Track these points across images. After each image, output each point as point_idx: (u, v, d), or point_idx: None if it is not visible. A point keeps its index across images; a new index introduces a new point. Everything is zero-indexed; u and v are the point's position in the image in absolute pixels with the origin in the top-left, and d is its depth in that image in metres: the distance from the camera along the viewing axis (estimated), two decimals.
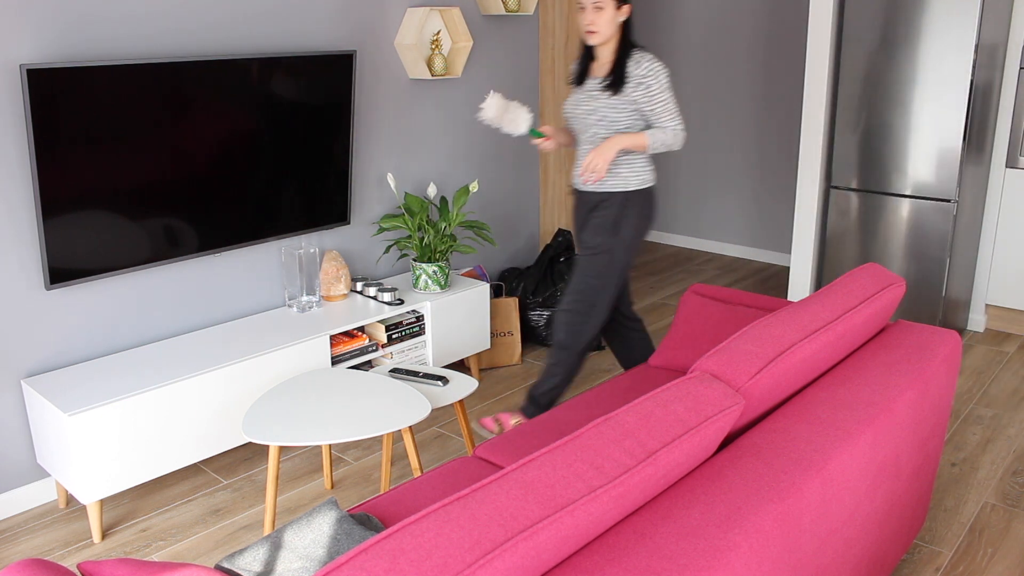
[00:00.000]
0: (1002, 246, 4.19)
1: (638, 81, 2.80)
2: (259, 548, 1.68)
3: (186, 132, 2.95)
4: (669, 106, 2.83)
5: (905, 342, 2.20)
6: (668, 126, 2.84)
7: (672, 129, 2.85)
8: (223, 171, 3.09)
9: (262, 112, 3.14)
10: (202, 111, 2.97)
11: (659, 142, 2.84)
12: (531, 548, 1.20)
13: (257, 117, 3.13)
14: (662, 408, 1.54)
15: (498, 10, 3.95)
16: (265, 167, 3.21)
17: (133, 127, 2.81)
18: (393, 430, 2.39)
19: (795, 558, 1.52)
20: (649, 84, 2.80)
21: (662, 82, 2.81)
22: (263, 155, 3.19)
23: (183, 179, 2.99)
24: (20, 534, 2.74)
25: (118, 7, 2.82)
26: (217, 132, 3.03)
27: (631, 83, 2.81)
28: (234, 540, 2.70)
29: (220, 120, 3.03)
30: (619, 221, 2.92)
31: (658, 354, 2.79)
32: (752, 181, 5.67)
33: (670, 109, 2.83)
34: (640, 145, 2.83)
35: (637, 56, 2.82)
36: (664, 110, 2.83)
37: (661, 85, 2.81)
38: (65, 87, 2.61)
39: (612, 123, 2.87)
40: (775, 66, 5.38)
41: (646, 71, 2.80)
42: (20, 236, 2.73)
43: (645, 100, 2.82)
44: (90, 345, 2.95)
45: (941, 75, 3.76)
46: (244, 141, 3.12)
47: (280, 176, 3.27)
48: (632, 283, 3.22)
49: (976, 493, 2.87)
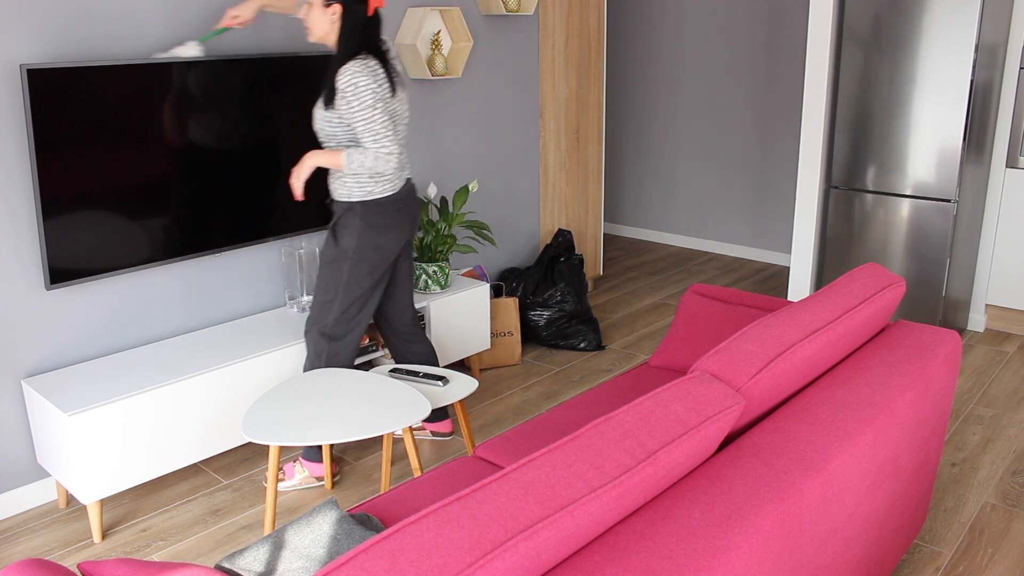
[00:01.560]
0: (1002, 246, 4.19)
1: (340, 94, 2.58)
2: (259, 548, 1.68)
3: (186, 132, 2.95)
4: (372, 125, 2.58)
5: (905, 342, 2.20)
6: (371, 148, 2.60)
7: (374, 152, 2.60)
8: (223, 171, 3.09)
9: (262, 112, 3.14)
10: (202, 111, 2.97)
11: (357, 163, 2.61)
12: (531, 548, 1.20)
13: (257, 117, 3.13)
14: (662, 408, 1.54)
15: (498, 10, 3.95)
16: (265, 167, 3.21)
17: (133, 127, 2.81)
18: (393, 430, 2.39)
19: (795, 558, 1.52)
20: (349, 99, 2.57)
21: (363, 99, 2.56)
22: (263, 155, 3.19)
23: (183, 179, 2.99)
24: (20, 534, 2.74)
25: (118, 7, 2.82)
26: (217, 132, 3.03)
27: (338, 95, 2.59)
28: (234, 540, 2.70)
29: (220, 120, 3.03)
30: (340, 232, 2.78)
31: (658, 354, 2.79)
32: (752, 181, 5.67)
33: (373, 129, 2.58)
34: (336, 164, 2.64)
35: (346, 66, 2.57)
36: (365, 129, 2.59)
37: (362, 102, 2.56)
38: (65, 87, 2.61)
39: (329, 136, 2.70)
40: (775, 67, 5.38)
41: (345, 84, 2.56)
42: (20, 236, 2.73)
43: (348, 116, 2.60)
44: (90, 345, 2.95)
45: (941, 75, 3.76)
46: (244, 141, 3.12)
47: (280, 176, 3.27)
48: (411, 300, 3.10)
49: (976, 493, 2.87)
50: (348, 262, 2.79)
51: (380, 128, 2.60)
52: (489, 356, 3.96)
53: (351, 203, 2.76)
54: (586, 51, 4.58)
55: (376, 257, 2.81)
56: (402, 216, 2.83)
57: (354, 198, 2.75)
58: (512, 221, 4.44)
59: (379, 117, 2.59)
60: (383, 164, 2.63)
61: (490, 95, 4.16)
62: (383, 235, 2.80)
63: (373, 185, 2.74)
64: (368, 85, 2.57)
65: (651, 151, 6.10)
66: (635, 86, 6.05)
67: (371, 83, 2.57)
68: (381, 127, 2.60)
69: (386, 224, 2.79)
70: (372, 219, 2.77)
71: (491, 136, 4.22)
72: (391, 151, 2.62)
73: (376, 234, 2.78)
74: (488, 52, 4.10)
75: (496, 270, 4.42)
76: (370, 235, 2.77)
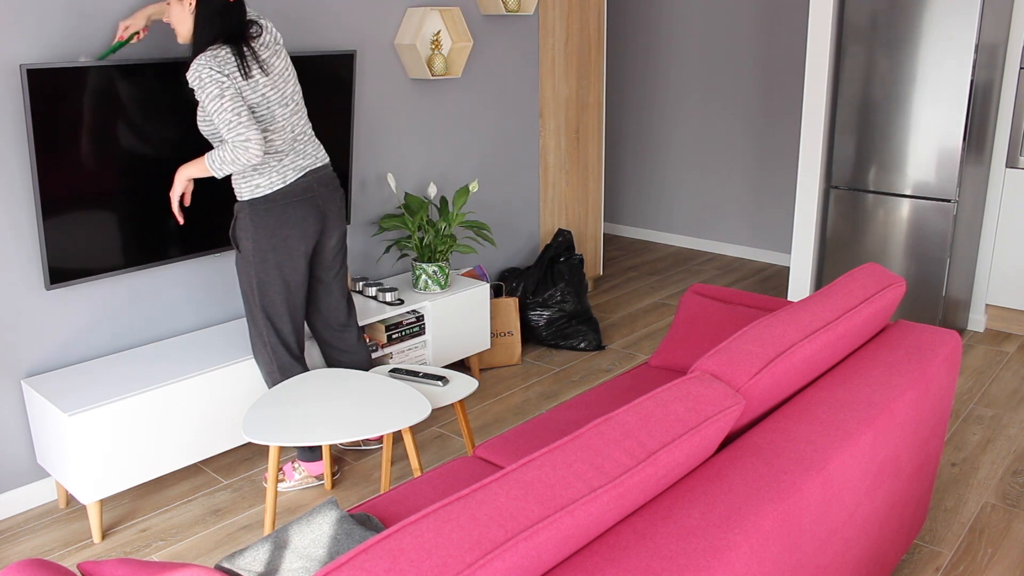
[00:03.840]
0: (1002, 246, 4.19)
1: (194, 90, 2.48)
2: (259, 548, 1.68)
3: (186, 132, 2.95)
4: (224, 115, 2.43)
5: (905, 342, 2.20)
6: (227, 139, 2.46)
7: (231, 142, 2.45)
8: None
9: None
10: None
11: (219, 161, 2.48)
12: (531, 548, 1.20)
13: None
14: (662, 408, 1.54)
15: (498, 10, 3.95)
16: None
17: (133, 127, 2.81)
18: (393, 430, 2.39)
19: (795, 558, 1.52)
20: (198, 94, 2.46)
21: (209, 90, 2.42)
22: None
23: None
24: (20, 534, 2.74)
25: (119, 7, 2.82)
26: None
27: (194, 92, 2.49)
28: (234, 540, 2.70)
29: None
30: (238, 236, 2.67)
31: (658, 354, 2.79)
32: (752, 181, 5.67)
33: (225, 119, 2.44)
34: (202, 170, 2.54)
35: (194, 61, 2.46)
36: (219, 121, 2.44)
37: (209, 93, 2.43)
38: (65, 87, 2.61)
39: (210, 135, 2.60)
40: (775, 66, 5.38)
41: (192, 79, 2.45)
42: (20, 236, 2.73)
43: (204, 112, 2.50)
44: (90, 345, 2.95)
45: (941, 75, 3.76)
46: None
47: None
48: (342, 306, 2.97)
49: (976, 493, 2.87)
50: (252, 266, 2.68)
51: (232, 116, 2.44)
52: (489, 356, 3.96)
53: (242, 203, 2.64)
54: (586, 51, 4.58)
55: (278, 257, 2.66)
56: (298, 211, 2.65)
57: (243, 196, 2.63)
58: (512, 221, 4.44)
59: (228, 105, 2.44)
60: (243, 154, 2.46)
61: (490, 95, 4.16)
62: (277, 233, 2.64)
63: (259, 178, 2.60)
64: (211, 76, 2.43)
65: (651, 151, 6.10)
66: (635, 86, 6.05)
67: (214, 73, 2.43)
68: (233, 115, 2.44)
69: (278, 222, 2.63)
70: (260, 218, 2.62)
71: (491, 136, 4.22)
72: (247, 138, 2.44)
73: (269, 233, 2.63)
74: (488, 52, 4.10)
75: (496, 270, 4.42)
76: (263, 235, 2.63)
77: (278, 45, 2.66)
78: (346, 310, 2.98)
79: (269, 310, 2.74)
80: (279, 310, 2.75)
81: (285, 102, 2.63)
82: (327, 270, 2.88)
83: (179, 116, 2.92)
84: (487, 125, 4.18)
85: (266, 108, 2.57)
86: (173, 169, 2.94)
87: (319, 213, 2.72)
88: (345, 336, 3.00)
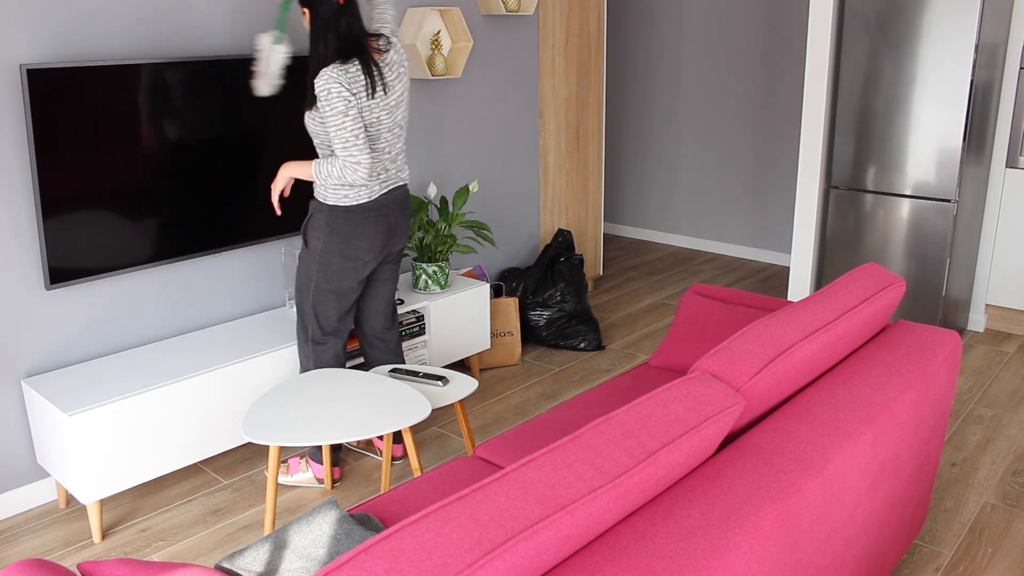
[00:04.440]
0: (1002, 246, 4.19)
1: (317, 98, 2.54)
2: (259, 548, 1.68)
3: (186, 132, 2.95)
4: (342, 133, 2.52)
5: (905, 342, 2.20)
6: (339, 155, 2.55)
7: (342, 160, 2.54)
8: (224, 171, 3.09)
9: (263, 111, 3.14)
10: (203, 111, 2.97)
11: (325, 173, 2.58)
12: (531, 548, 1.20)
13: (258, 116, 3.13)
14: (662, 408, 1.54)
15: (498, 10, 3.95)
16: (265, 167, 3.21)
17: (133, 127, 2.81)
18: (393, 430, 2.39)
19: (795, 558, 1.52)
20: (322, 104, 2.53)
21: (335, 105, 2.50)
22: (263, 155, 3.19)
23: (183, 179, 2.99)
24: (20, 534, 2.74)
25: (118, 7, 2.82)
26: (218, 132, 3.03)
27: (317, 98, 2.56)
28: (234, 540, 2.70)
29: (221, 120, 3.03)
30: (309, 232, 2.75)
31: (658, 354, 2.80)
32: (752, 181, 5.67)
33: (343, 137, 2.52)
34: (307, 174, 2.63)
35: (325, 70, 2.52)
36: (336, 136, 2.53)
37: (334, 108, 2.50)
38: (65, 87, 2.61)
39: (315, 135, 2.67)
40: (775, 66, 5.38)
41: (320, 88, 2.51)
42: (20, 236, 2.73)
43: (321, 120, 2.58)
44: (90, 345, 2.95)
45: (941, 75, 3.76)
46: (244, 141, 3.12)
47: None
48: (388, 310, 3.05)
49: (976, 493, 2.87)
50: (316, 264, 2.75)
51: (350, 136, 2.52)
52: (489, 356, 3.96)
53: (321, 204, 2.71)
54: (586, 51, 4.58)
55: (342, 263, 2.74)
56: (372, 226, 2.73)
57: (327, 200, 2.69)
58: (512, 221, 4.44)
59: (349, 125, 2.52)
60: (350, 174, 2.55)
61: (490, 95, 4.16)
62: (349, 243, 2.71)
63: (347, 190, 2.67)
64: (340, 92, 2.50)
65: (651, 151, 6.10)
66: (635, 86, 6.05)
67: (343, 90, 2.50)
68: (351, 135, 2.52)
69: (352, 233, 2.71)
70: (337, 225, 2.69)
71: (491, 136, 4.22)
72: (358, 161, 2.54)
73: (341, 241, 2.71)
74: (488, 52, 4.10)
75: (496, 270, 4.42)
76: (335, 241, 2.71)
77: (403, 68, 2.72)
78: (390, 315, 3.06)
79: (319, 308, 2.81)
80: (329, 311, 2.82)
81: (392, 127, 2.71)
82: (380, 276, 2.96)
83: (179, 116, 2.92)
84: (487, 125, 4.18)
85: (376, 129, 2.65)
86: (173, 168, 2.94)
87: (389, 229, 2.80)
88: (388, 336, 3.08)
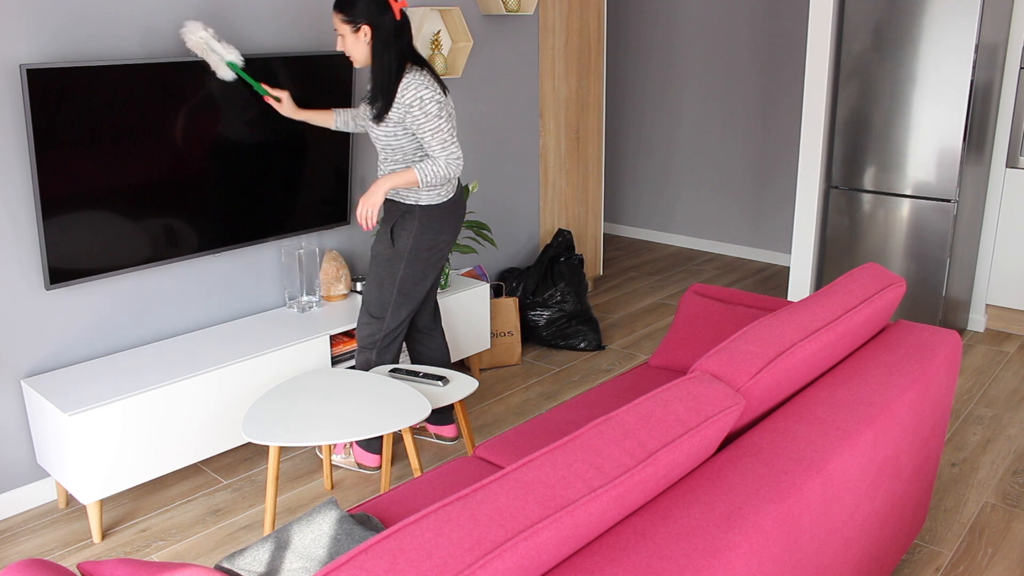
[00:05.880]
0: (1002, 246, 4.19)
1: (405, 109, 2.68)
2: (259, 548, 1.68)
3: (186, 132, 2.95)
4: (440, 135, 2.68)
5: (905, 342, 2.20)
6: (440, 156, 2.70)
7: (444, 159, 2.70)
8: (223, 171, 3.09)
9: (262, 112, 3.14)
10: (202, 111, 2.97)
11: (431, 175, 2.70)
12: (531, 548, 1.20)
13: (257, 117, 3.13)
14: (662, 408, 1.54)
15: (498, 10, 3.95)
16: (265, 167, 3.21)
17: (133, 127, 2.81)
18: (393, 430, 2.39)
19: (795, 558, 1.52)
20: (415, 113, 2.67)
21: (428, 110, 2.65)
22: (263, 155, 3.19)
23: (183, 179, 2.99)
24: (20, 534, 2.74)
25: (118, 7, 2.82)
26: (217, 132, 3.03)
27: (399, 109, 2.68)
28: (234, 540, 2.70)
29: (220, 120, 3.03)
30: (397, 232, 2.86)
31: (658, 354, 2.80)
32: (752, 181, 5.67)
33: (441, 138, 2.69)
34: (411, 182, 2.71)
35: (406, 80, 2.66)
36: (433, 139, 2.68)
37: (427, 113, 2.66)
38: (65, 87, 2.61)
39: (396, 150, 2.78)
40: (775, 66, 5.38)
41: (411, 99, 2.65)
42: (20, 236, 2.73)
43: (414, 127, 2.70)
44: (90, 345, 2.95)
45: (941, 75, 3.76)
46: (244, 141, 3.12)
47: (280, 176, 3.27)
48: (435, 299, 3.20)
49: (976, 493, 2.87)
50: (403, 261, 2.88)
51: (447, 136, 2.70)
52: (489, 356, 3.96)
53: (412, 206, 2.84)
54: (586, 51, 4.58)
55: (429, 257, 2.91)
56: (454, 220, 2.93)
57: (420, 202, 2.83)
58: (512, 221, 4.44)
59: (445, 126, 2.70)
60: (454, 169, 2.73)
61: (490, 95, 4.16)
62: (437, 236, 2.89)
63: (440, 189, 2.84)
64: (432, 97, 2.67)
65: (651, 151, 6.10)
66: (635, 86, 6.05)
67: (433, 94, 2.67)
68: (448, 135, 2.71)
69: (440, 227, 2.89)
70: (428, 221, 2.86)
71: (491, 136, 4.22)
72: (459, 156, 2.74)
73: (431, 236, 2.87)
74: (488, 52, 4.10)
75: (496, 270, 4.42)
76: (425, 237, 2.87)
77: None
78: (436, 307, 3.21)
79: (400, 300, 2.93)
80: (409, 303, 2.95)
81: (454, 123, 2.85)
82: None
83: (179, 116, 2.92)
84: (487, 125, 4.18)
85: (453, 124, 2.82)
86: (173, 168, 2.94)
87: (461, 221, 2.99)
88: (435, 325, 3.20)
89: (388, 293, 2.91)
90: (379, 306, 2.93)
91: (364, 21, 2.66)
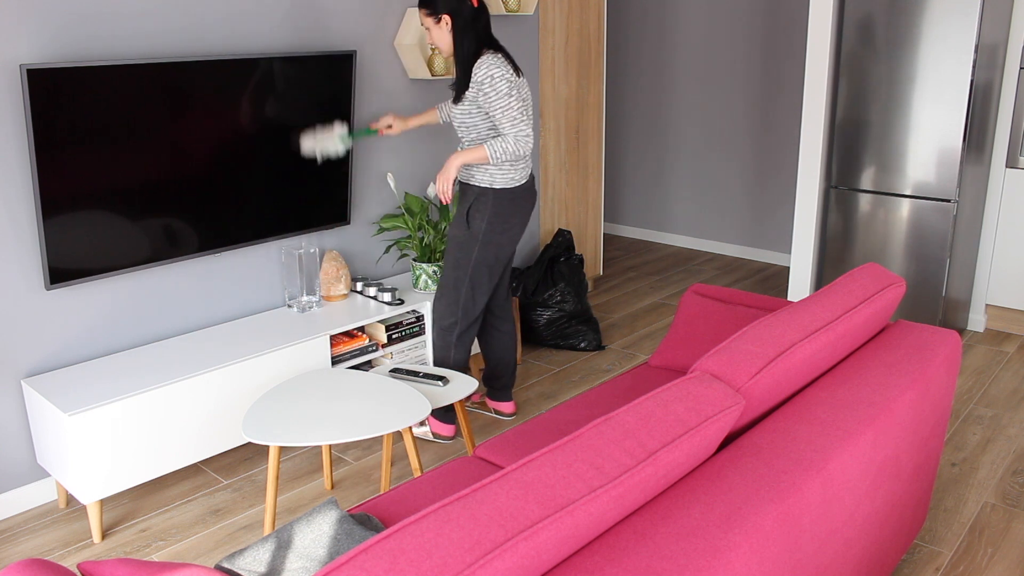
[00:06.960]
0: (1002, 246, 4.19)
1: (477, 87, 2.85)
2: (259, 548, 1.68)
3: (186, 132, 2.95)
4: (510, 112, 2.83)
5: (905, 342, 2.20)
6: (509, 133, 2.84)
7: (513, 136, 2.84)
8: (223, 171, 3.09)
9: (262, 112, 3.14)
10: (202, 111, 2.97)
11: (500, 151, 2.84)
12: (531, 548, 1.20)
13: (257, 117, 3.13)
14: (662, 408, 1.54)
15: (498, 10, 3.95)
16: (265, 167, 3.21)
17: (133, 127, 2.81)
18: (393, 430, 2.39)
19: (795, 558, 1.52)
20: (485, 91, 2.83)
21: (498, 88, 2.82)
22: (263, 155, 3.19)
23: (183, 179, 2.99)
24: (20, 534, 2.74)
25: (118, 7, 2.82)
26: (217, 132, 3.03)
27: (473, 88, 2.86)
28: (234, 540, 2.70)
29: (220, 120, 3.03)
30: (472, 215, 3.00)
31: (658, 354, 2.80)
32: (752, 181, 5.67)
33: (511, 116, 2.83)
34: (482, 158, 2.85)
35: (480, 60, 2.85)
36: (503, 116, 2.84)
37: (498, 91, 2.82)
38: (65, 87, 2.61)
39: (470, 128, 2.95)
40: (775, 66, 5.38)
41: (482, 76, 2.83)
42: (20, 236, 2.73)
43: (486, 106, 2.85)
44: (90, 345, 2.95)
45: (941, 75, 3.76)
46: (244, 141, 3.12)
47: (280, 176, 3.27)
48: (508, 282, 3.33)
49: (976, 493, 2.87)
50: (478, 244, 3.01)
51: (517, 114, 2.83)
52: None
53: (486, 189, 2.97)
54: (586, 51, 4.58)
55: (503, 240, 3.03)
56: (525, 204, 3.05)
57: (495, 185, 2.96)
58: None
59: (515, 104, 2.83)
60: (523, 146, 2.85)
61: None
62: (510, 220, 3.01)
63: (512, 172, 2.96)
64: (503, 75, 2.82)
65: (651, 151, 6.10)
66: (635, 86, 6.05)
67: (504, 73, 2.82)
68: (518, 113, 2.84)
69: (513, 210, 3.01)
70: (502, 206, 2.98)
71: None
72: (528, 134, 2.85)
73: (504, 219, 3.00)
74: None
75: None
76: (499, 220, 2.99)
77: None
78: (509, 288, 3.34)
79: (475, 282, 3.07)
80: (484, 285, 3.09)
81: (530, 107, 2.98)
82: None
83: (179, 116, 2.92)
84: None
85: (525, 106, 2.93)
86: (173, 168, 2.94)
87: (532, 207, 3.11)
88: (508, 307, 3.33)
89: (464, 273, 3.04)
90: (455, 287, 3.06)
91: (445, 11, 2.87)
